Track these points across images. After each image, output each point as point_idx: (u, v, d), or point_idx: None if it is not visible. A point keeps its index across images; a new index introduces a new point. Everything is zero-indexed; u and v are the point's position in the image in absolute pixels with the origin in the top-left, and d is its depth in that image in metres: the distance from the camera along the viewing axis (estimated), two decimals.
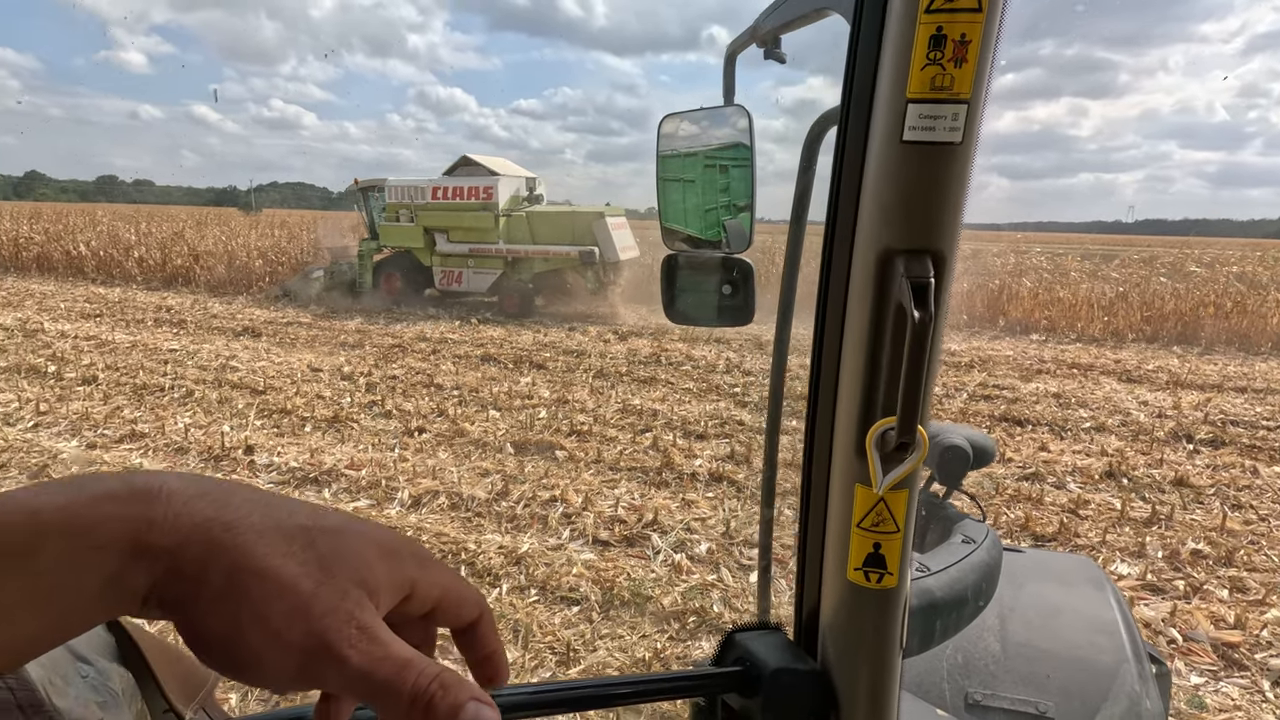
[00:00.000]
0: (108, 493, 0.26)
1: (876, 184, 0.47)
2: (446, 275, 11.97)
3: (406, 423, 5.79)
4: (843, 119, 0.49)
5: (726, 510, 4.27)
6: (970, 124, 0.44)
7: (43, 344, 8.52)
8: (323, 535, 0.29)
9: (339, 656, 0.27)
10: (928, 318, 0.45)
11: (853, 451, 0.53)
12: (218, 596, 0.26)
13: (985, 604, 0.89)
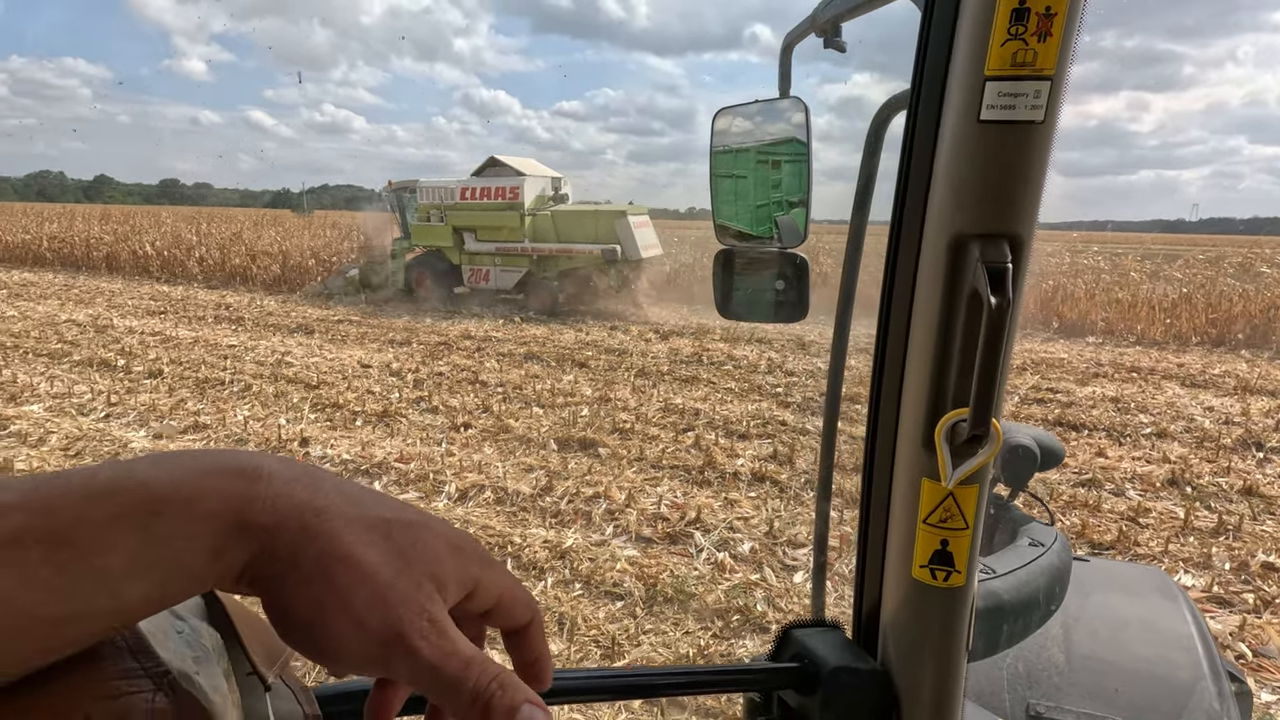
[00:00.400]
0: (216, 468, 0.28)
1: (950, 167, 0.46)
2: (474, 273, 12.31)
3: (453, 418, 5.91)
4: (913, 101, 0.48)
5: (769, 510, 4.24)
6: (1054, 102, 0.43)
7: (112, 339, 8.95)
8: (400, 528, 0.31)
9: (411, 647, 0.28)
10: (1005, 304, 0.44)
11: (920, 444, 0.52)
12: (306, 579, 0.28)
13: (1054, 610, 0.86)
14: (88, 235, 19.22)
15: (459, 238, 12.21)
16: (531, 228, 11.70)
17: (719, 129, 0.95)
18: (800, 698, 0.61)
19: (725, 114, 0.96)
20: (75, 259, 17.96)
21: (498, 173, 12.09)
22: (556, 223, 11.66)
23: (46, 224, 22.66)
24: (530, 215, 11.67)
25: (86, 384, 6.75)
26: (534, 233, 11.71)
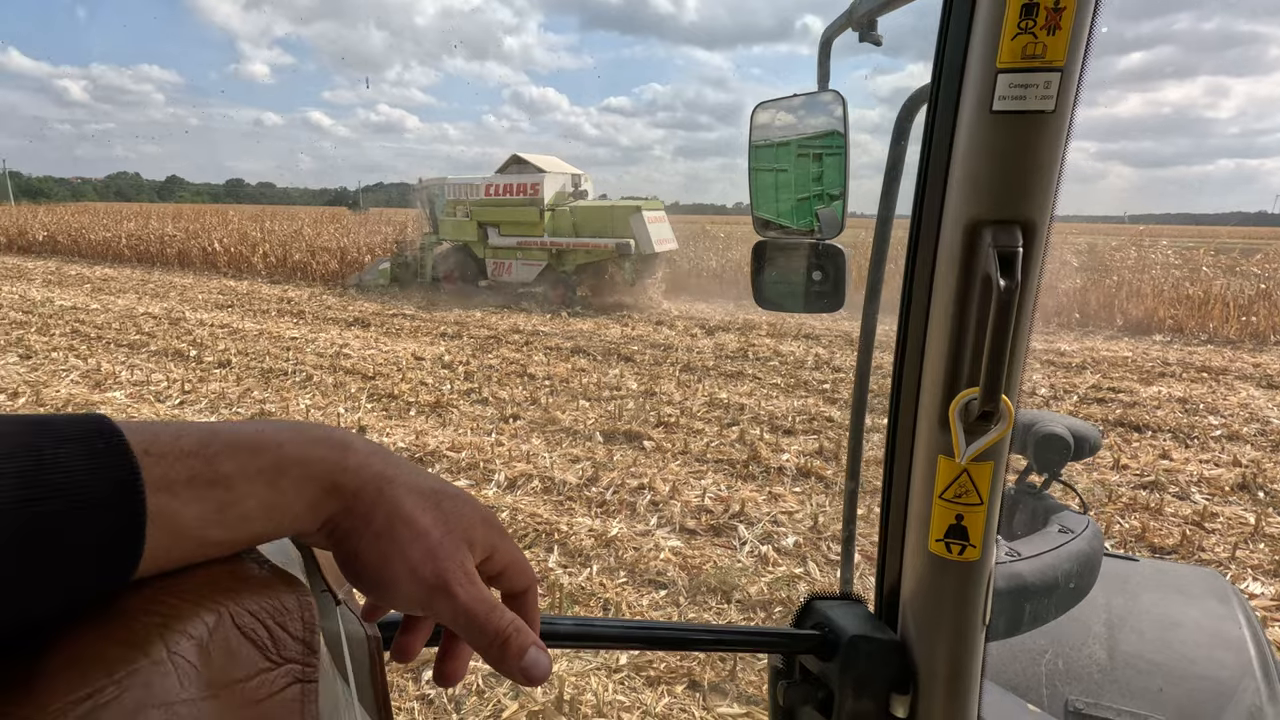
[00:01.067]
0: (321, 438, 0.35)
1: (966, 156, 0.48)
2: (498, 266, 12.76)
3: (502, 409, 6.06)
4: (933, 93, 0.51)
5: (814, 505, 4.23)
6: (1064, 92, 0.45)
7: (185, 331, 9.46)
8: (446, 499, 0.38)
9: (452, 592, 0.35)
10: (1013, 286, 0.47)
11: (936, 423, 0.55)
12: (375, 533, 0.35)
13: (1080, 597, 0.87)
14: (161, 233, 20.28)
15: (483, 232, 12.69)
16: (551, 223, 12.08)
17: (758, 123, 0.98)
18: (820, 663, 0.64)
19: (765, 108, 0.99)
20: (150, 255, 18.98)
21: (520, 170, 12.53)
22: (575, 218, 12.00)
23: (124, 222, 23.97)
24: (549, 211, 12.05)
25: (162, 373, 7.16)
26: (553, 227, 12.08)
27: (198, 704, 0.24)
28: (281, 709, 0.27)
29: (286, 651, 0.29)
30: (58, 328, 9.49)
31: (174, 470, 0.29)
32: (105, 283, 14.69)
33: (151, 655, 0.24)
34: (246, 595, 0.30)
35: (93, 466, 0.26)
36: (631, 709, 2.52)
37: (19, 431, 0.25)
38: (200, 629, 0.27)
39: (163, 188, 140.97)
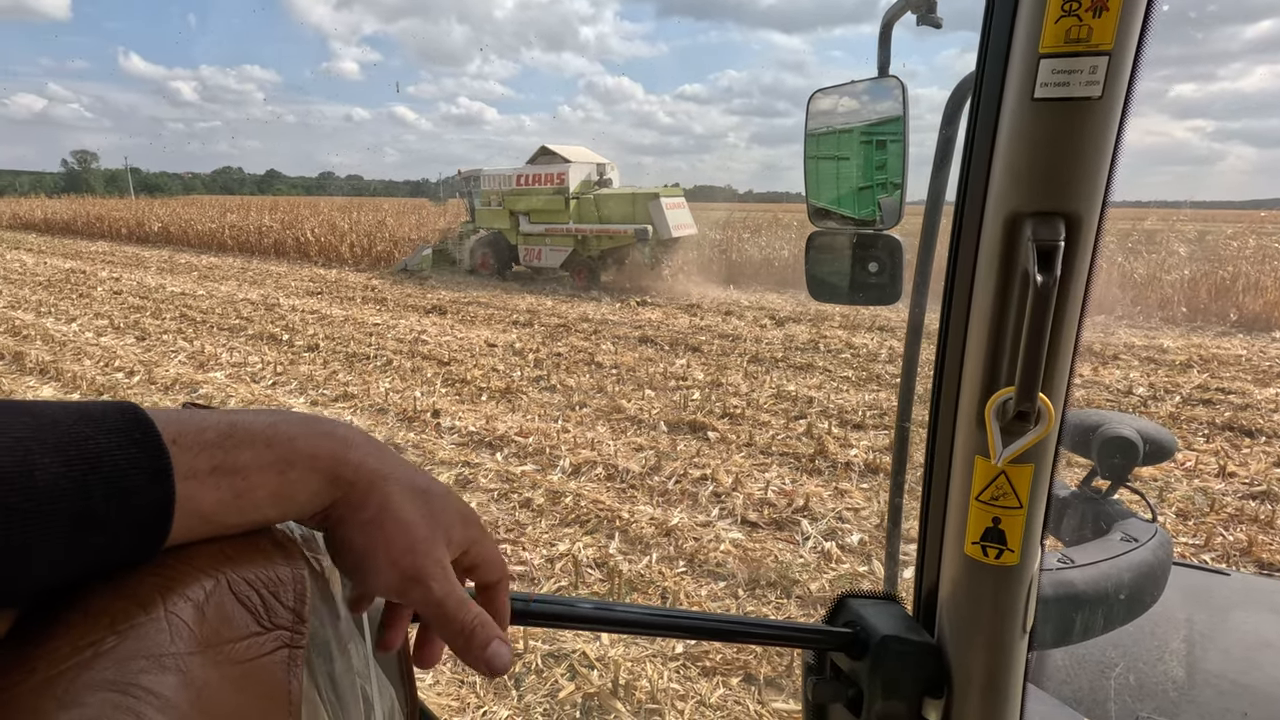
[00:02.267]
0: (327, 433, 0.38)
1: (1007, 145, 0.46)
2: (529, 252, 13.65)
3: (569, 397, 6.17)
4: (977, 81, 0.49)
5: (881, 503, 4.11)
6: (1114, 77, 0.42)
7: (278, 316, 10.08)
8: (432, 496, 0.40)
9: (426, 585, 0.38)
10: (1051, 281, 0.44)
11: (974, 422, 0.52)
12: (364, 523, 0.38)
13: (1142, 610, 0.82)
14: (259, 224, 21.63)
15: (515, 220, 13.60)
16: (576, 210, 12.80)
17: (815, 111, 0.96)
18: (851, 661, 0.63)
19: (822, 95, 0.97)
20: (250, 245, 20.29)
21: (549, 161, 13.31)
22: (598, 205, 12.66)
23: (228, 214, 25.70)
24: (575, 199, 12.78)
25: (258, 355, 7.67)
26: (578, 215, 12.80)
27: (184, 658, 0.26)
28: (268, 670, 0.30)
29: (277, 619, 0.32)
30: (168, 312, 10.30)
31: (198, 460, 0.32)
32: (210, 270, 15.82)
33: (150, 612, 0.27)
34: (245, 565, 0.32)
35: (132, 456, 0.29)
36: (686, 698, 2.54)
37: (67, 420, 0.29)
38: (198, 592, 0.29)
39: (262, 181, 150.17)
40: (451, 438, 5.22)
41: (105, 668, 0.24)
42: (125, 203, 38.52)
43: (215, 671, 0.27)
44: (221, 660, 0.28)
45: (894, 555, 0.83)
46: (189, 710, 0.25)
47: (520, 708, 2.50)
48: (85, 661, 0.24)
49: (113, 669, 0.24)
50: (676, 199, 12.48)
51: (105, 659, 0.25)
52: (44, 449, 0.27)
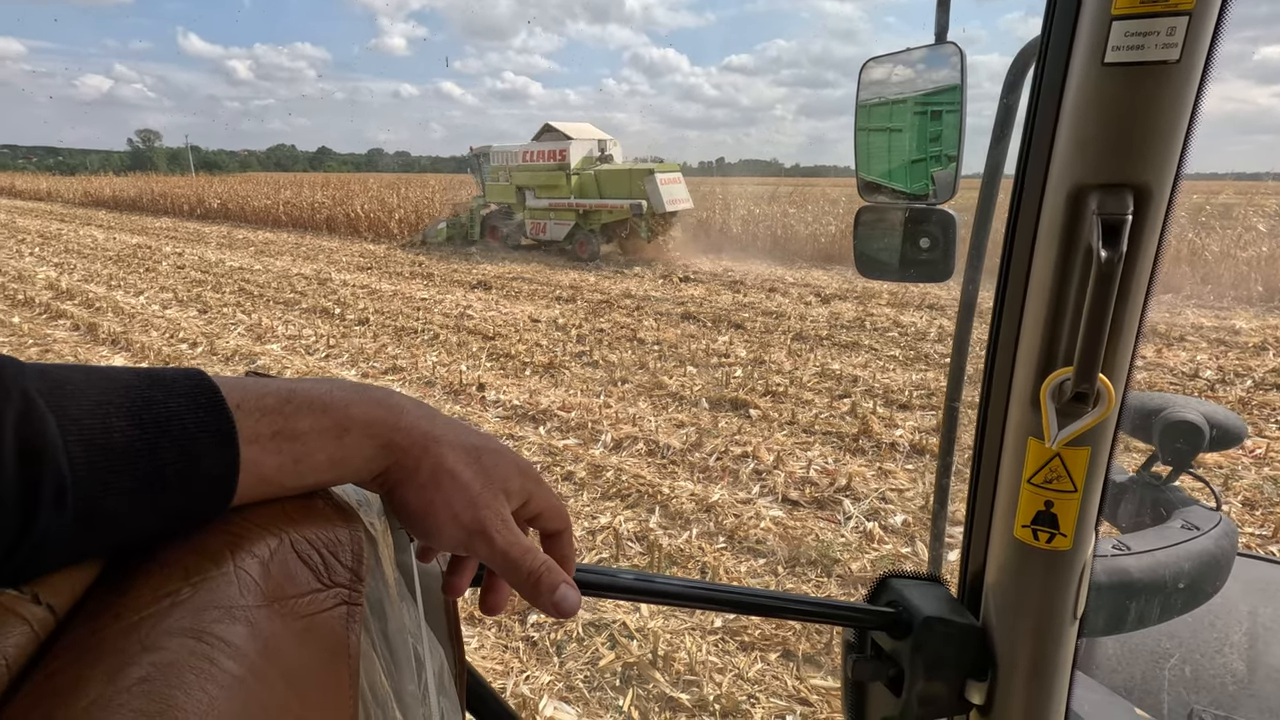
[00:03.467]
0: (379, 400, 0.39)
1: (1073, 114, 0.44)
2: (534, 226, 14.24)
3: (611, 373, 6.21)
4: (1043, 45, 0.47)
5: (927, 484, 4.04)
6: (1194, 38, 0.40)
7: (330, 290, 10.37)
8: (485, 453, 0.42)
9: (489, 537, 0.40)
10: (1116, 257, 0.42)
11: (1028, 402, 0.51)
12: (421, 484, 0.39)
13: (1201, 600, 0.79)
14: (312, 200, 22.17)
15: (521, 195, 14.22)
16: (578, 185, 13.41)
17: (867, 81, 0.93)
18: (893, 641, 0.63)
19: (875, 64, 0.94)
20: (302, 221, 20.84)
21: (554, 138, 13.89)
22: (599, 180, 13.23)
23: (281, 191, 26.41)
24: (576, 174, 13.38)
25: (311, 328, 7.92)
26: (579, 190, 13.41)
27: (252, 610, 0.28)
28: (328, 624, 0.31)
29: (336, 577, 0.33)
30: (228, 286, 10.69)
31: (260, 425, 0.34)
32: (266, 246, 16.33)
33: (221, 567, 0.29)
34: (307, 525, 0.34)
35: (200, 419, 0.31)
36: (724, 670, 2.57)
37: (140, 385, 0.30)
38: (264, 550, 0.31)
39: (314, 158, 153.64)
40: (496, 411, 5.32)
41: (182, 616, 0.26)
42: (186, 180, 39.95)
43: (280, 624, 0.29)
44: (286, 614, 0.30)
45: (939, 537, 0.82)
46: (257, 659, 0.27)
47: (561, 674, 2.57)
48: (164, 610, 0.26)
49: (189, 618, 0.26)
50: (672, 174, 12.86)
51: (182, 608, 0.26)
52: (119, 412, 0.29)
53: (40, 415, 0.26)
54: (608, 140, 14.03)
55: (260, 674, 0.26)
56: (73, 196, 34.52)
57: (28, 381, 0.27)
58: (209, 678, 0.24)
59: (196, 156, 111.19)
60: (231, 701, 0.24)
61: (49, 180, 45.54)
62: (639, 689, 2.49)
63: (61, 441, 0.26)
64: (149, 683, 0.23)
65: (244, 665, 0.26)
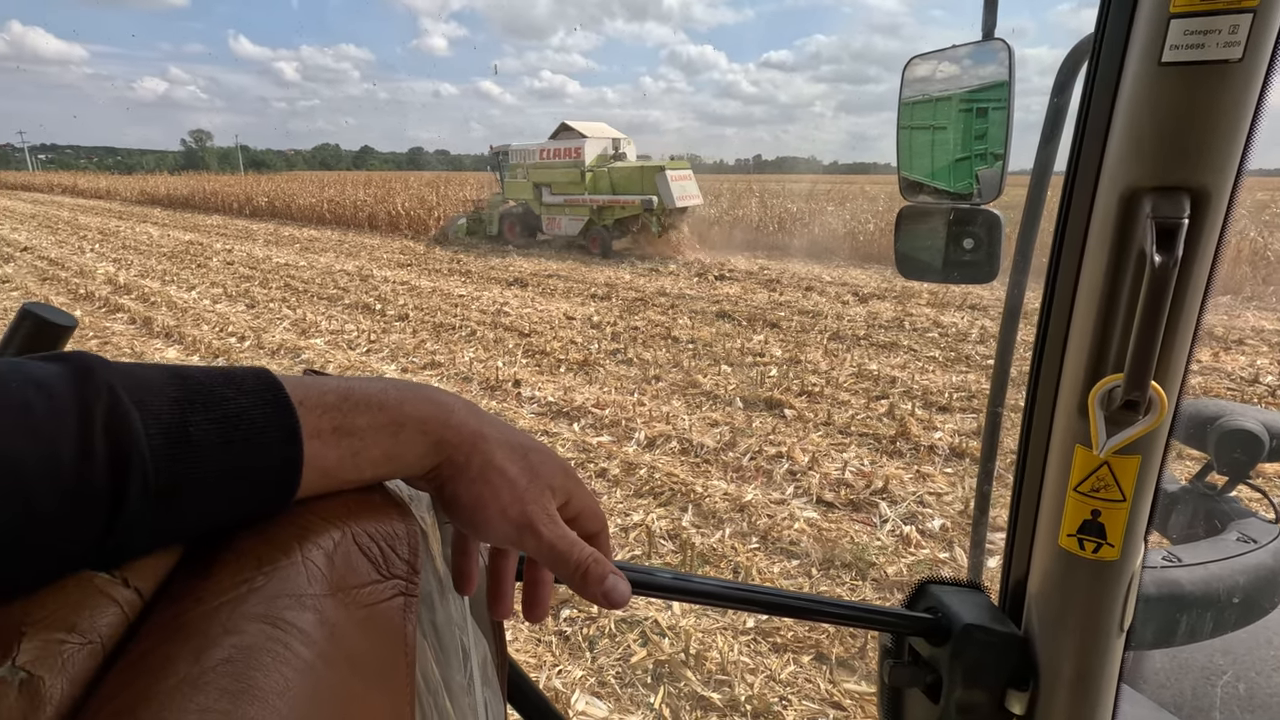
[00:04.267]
0: (430, 398, 0.41)
1: (1128, 114, 0.43)
2: (550, 221, 14.78)
3: (645, 371, 6.22)
4: (1096, 44, 0.46)
5: (967, 489, 3.96)
6: (1258, 36, 0.38)
7: (371, 287, 10.60)
8: (531, 451, 0.43)
9: (537, 530, 0.41)
10: (1171, 262, 0.41)
11: (1075, 409, 0.50)
12: (471, 480, 0.40)
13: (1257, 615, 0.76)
14: (354, 198, 22.68)
15: (538, 192, 14.70)
16: (591, 182, 13.84)
17: (911, 78, 0.92)
18: (931, 648, 0.62)
19: (919, 61, 0.92)
20: (345, 219, 21.33)
21: (569, 137, 14.39)
22: (612, 177, 13.61)
23: (325, 189, 27.08)
24: (590, 172, 13.83)
25: (353, 323, 8.11)
26: (593, 186, 13.84)
27: (319, 599, 0.30)
28: (387, 614, 0.33)
29: (394, 569, 0.35)
30: (274, 282, 11.01)
31: (321, 421, 0.35)
32: (311, 243, 16.76)
33: (290, 557, 0.31)
34: (367, 520, 0.36)
35: (267, 415, 0.33)
36: (755, 671, 2.56)
37: (213, 383, 0.32)
38: (328, 542, 0.33)
39: (357, 157, 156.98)
40: (531, 407, 5.38)
41: (257, 602, 0.28)
42: (235, 179, 41.23)
43: (344, 613, 0.31)
44: (349, 603, 0.31)
45: (980, 543, 0.81)
46: (325, 645, 0.28)
47: (593, 669, 2.59)
48: (241, 596, 0.28)
49: (263, 604, 0.28)
50: (682, 172, 13.29)
51: (257, 595, 0.28)
52: (195, 409, 0.30)
53: (126, 410, 0.28)
54: (621, 139, 14.56)
55: (328, 659, 0.28)
56: (130, 195, 35.93)
57: (114, 378, 0.29)
58: (284, 661, 0.26)
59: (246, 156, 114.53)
60: (304, 684, 0.26)
61: (108, 179, 47.51)
62: (670, 687, 2.50)
63: (145, 436, 0.28)
64: (231, 664, 0.24)
65: (314, 650, 0.27)
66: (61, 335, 0.47)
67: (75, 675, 0.24)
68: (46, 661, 0.23)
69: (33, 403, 0.26)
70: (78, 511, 0.26)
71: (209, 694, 0.23)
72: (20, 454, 0.25)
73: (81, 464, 0.26)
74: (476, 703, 0.46)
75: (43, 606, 0.25)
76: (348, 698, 0.28)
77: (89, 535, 0.27)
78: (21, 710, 0.21)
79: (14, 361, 0.28)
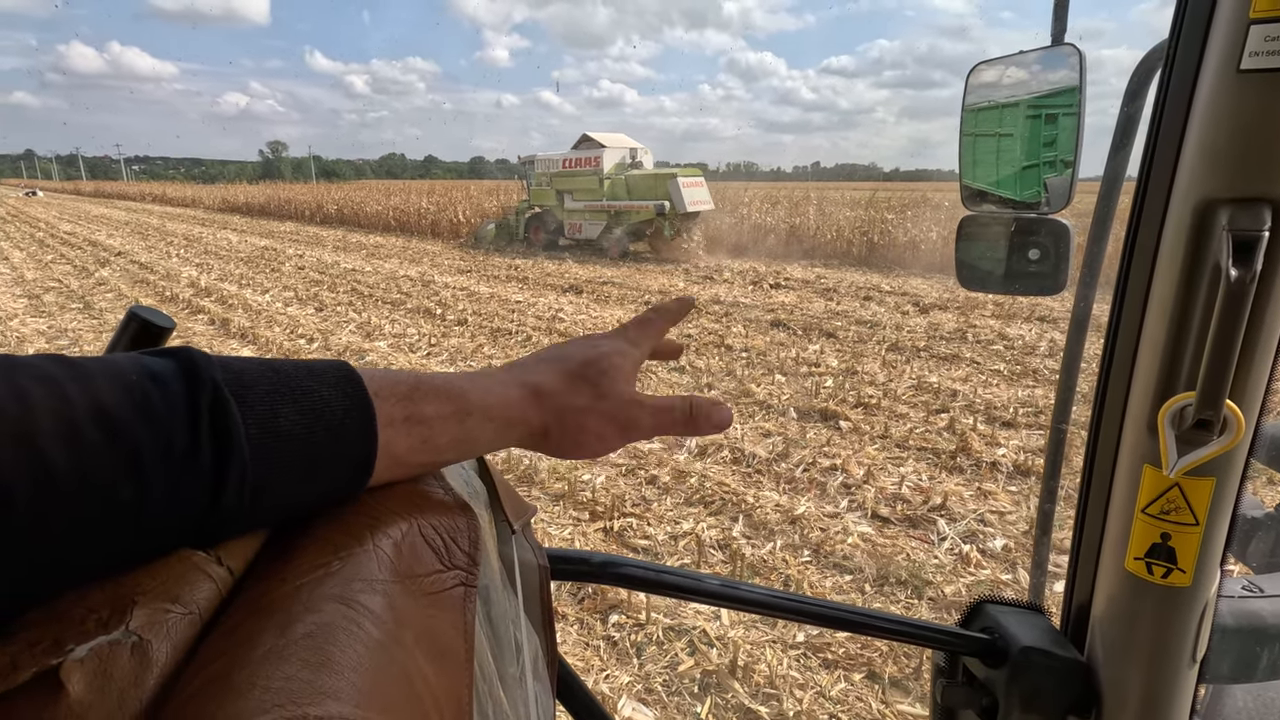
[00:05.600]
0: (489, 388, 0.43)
1: (1204, 123, 0.42)
2: (572, 226, 15.90)
3: (697, 379, 6.21)
4: (1170, 50, 0.44)
5: (1031, 508, 3.80)
6: None
7: (433, 292, 10.92)
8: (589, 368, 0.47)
9: (635, 436, 0.47)
10: (1249, 276, 0.40)
11: (1145, 427, 0.48)
12: (557, 444, 0.45)
13: None
14: (418, 206, 23.43)
15: (560, 198, 15.89)
16: (609, 189, 14.86)
17: (977, 84, 0.91)
18: (987, 669, 0.61)
19: (984, 67, 0.91)
20: (409, 226, 22.07)
21: (590, 147, 15.44)
22: (628, 184, 14.68)
23: (391, 197, 28.04)
24: (608, 179, 14.86)
25: (415, 327, 8.37)
26: (611, 193, 14.88)
27: (388, 584, 0.32)
28: (448, 603, 0.35)
29: (455, 560, 0.37)
30: (342, 286, 11.47)
31: (394, 411, 0.38)
32: (377, 249, 17.39)
33: (363, 544, 0.33)
34: (431, 512, 0.38)
35: (347, 407, 0.35)
36: (805, 687, 2.52)
37: (298, 376, 0.35)
38: (397, 532, 0.35)
39: (422, 166, 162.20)
40: None
41: (334, 585, 0.30)
42: (308, 187, 43.18)
43: (410, 600, 0.33)
44: (415, 590, 0.33)
45: (1042, 564, 0.78)
46: (393, 626, 0.30)
47: (640, 675, 2.60)
48: (319, 578, 0.30)
49: (339, 586, 0.30)
50: (694, 179, 14.22)
51: (334, 578, 0.30)
52: (285, 400, 0.33)
53: (226, 402, 0.31)
54: (639, 148, 15.53)
55: (396, 639, 0.30)
56: (212, 203, 38.07)
57: (216, 373, 0.32)
58: (356, 638, 0.28)
59: (318, 165, 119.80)
60: (374, 660, 0.28)
61: (193, 189, 50.52)
62: (717, 697, 2.48)
63: (243, 427, 0.31)
64: (311, 638, 0.27)
65: (383, 630, 0.29)
66: (162, 335, 0.51)
67: (177, 642, 0.26)
68: (154, 628, 0.26)
69: (151, 395, 0.29)
70: (185, 495, 0.29)
71: (292, 664, 0.25)
72: (140, 441, 0.28)
73: (190, 452, 0.29)
74: (528, 695, 0.48)
75: (152, 578, 0.27)
76: (412, 677, 0.29)
77: (193, 516, 0.30)
78: (133, 669, 0.24)
79: (133, 356, 0.31)
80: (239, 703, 0.23)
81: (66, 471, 0.26)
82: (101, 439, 0.27)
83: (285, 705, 0.23)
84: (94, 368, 0.29)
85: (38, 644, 0.23)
